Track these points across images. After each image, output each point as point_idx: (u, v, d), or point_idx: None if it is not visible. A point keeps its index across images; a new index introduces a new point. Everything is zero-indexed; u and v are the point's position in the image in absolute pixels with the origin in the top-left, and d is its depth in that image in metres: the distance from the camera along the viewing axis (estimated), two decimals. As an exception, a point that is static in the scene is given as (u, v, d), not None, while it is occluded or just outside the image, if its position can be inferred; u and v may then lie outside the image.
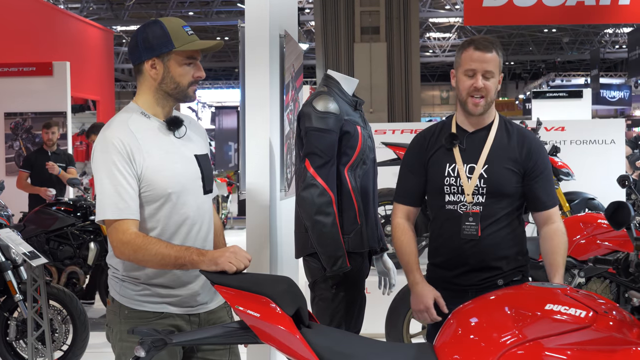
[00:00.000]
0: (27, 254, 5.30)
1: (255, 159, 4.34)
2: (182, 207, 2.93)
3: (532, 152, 3.32)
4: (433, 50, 33.87)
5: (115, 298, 2.97)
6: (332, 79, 4.00)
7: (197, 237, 2.99)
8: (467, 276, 3.31)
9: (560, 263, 3.28)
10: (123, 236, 2.78)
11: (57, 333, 5.90)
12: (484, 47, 3.27)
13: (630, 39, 23.29)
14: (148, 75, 2.93)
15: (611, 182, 6.95)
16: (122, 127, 2.88)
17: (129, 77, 36.21)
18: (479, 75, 3.25)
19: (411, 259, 3.43)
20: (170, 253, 2.74)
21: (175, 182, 2.90)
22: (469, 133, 3.36)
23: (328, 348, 2.55)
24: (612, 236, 5.39)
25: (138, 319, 2.90)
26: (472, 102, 3.28)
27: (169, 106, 2.99)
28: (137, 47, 2.93)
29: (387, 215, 7.32)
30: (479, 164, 3.28)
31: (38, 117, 11.10)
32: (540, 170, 3.32)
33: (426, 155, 3.42)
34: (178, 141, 2.98)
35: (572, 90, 17.02)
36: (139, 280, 2.92)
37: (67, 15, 17.54)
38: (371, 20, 14.45)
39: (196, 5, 25.97)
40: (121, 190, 2.79)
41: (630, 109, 34.88)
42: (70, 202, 7.74)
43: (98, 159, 2.85)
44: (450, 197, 3.33)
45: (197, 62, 2.97)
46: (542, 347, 2.39)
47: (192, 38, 2.93)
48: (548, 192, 3.35)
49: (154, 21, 2.95)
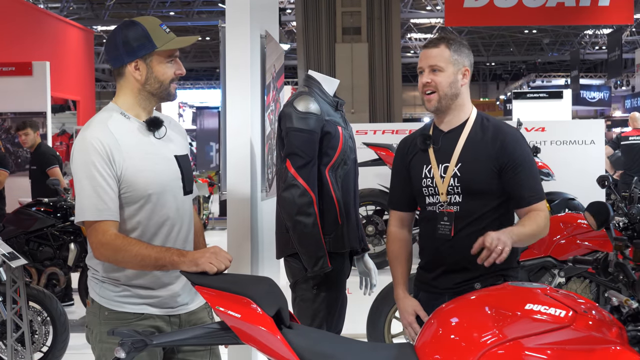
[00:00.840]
0: (7, 255, 5.26)
1: (236, 160, 4.34)
2: (162, 208, 2.92)
3: (506, 145, 3.20)
4: (414, 51, 33.94)
5: (94, 299, 2.95)
6: (313, 79, 4.00)
7: (178, 238, 2.99)
8: (443, 278, 3.26)
9: (525, 223, 3.13)
10: (102, 237, 2.76)
11: (37, 334, 5.86)
12: (430, 43, 3.28)
13: (609, 40, 23.47)
14: (131, 77, 2.91)
15: (591, 182, 6.99)
16: (102, 127, 2.86)
17: (109, 77, 36.06)
18: (426, 71, 3.25)
19: (397, 271, 3.41)
20: (150, 254, 2.73)
21: (156, 183, 2.89)
22: (444, 133, 3.31)
23: (309, 348, 2.55)
24: (591, 236, 5.42)
25: (118, 320, 2.89)
26: (426, 99, 3.27)
27: (151, 107, 2.99)
28: (118, 50, 2.90)
29: (368, 216, 7.34)
30: (452, 162, 3.23)
31: (17, 117, 11.03)
32: (518, 164, 3.18)
33: (407, 159, 3.40)
34: (158, 142, 2.96)
35: (553, 91, 17.14)
36: (119, 281, 2.90)
37: (47, 15, 17.45)
38: (352, 20, 14.48)
39: (177, 5, 25.92)
40: (100, 192, 2.78)
41: (610, 110, 35.12)
42: (50, 202, 7.69)
43: (77, 159, 2.83)
44: (429, 199, 3.30)
45: (177, 59, 2.97)
46: (522, 346, 2.40)
47: (171, 36, 2.92)
48: (530, 187, 3.21)
49: (132, 22, 2.94)
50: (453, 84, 3.24)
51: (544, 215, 3.18)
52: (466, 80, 3.30)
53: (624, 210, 5.28)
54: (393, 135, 8.24)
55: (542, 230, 3.18)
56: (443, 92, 3.23)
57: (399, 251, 3.43)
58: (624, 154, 11.20)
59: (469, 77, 3.30)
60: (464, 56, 3.27)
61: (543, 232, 3.19)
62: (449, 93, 3.24)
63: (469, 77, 3.31)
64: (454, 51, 3.24)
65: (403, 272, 3.41)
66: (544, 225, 3.17)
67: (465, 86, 3.31)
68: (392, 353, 2.64)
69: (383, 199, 7.27)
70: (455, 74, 3.25)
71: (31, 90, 11.06)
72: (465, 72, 3.27)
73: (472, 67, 3.35)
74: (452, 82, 3.24)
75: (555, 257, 5.42)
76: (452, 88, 3.24)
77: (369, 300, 5.28)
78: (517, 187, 3.20)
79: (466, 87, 3.32)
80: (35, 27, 15.52)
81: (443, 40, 3.26)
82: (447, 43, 3.25)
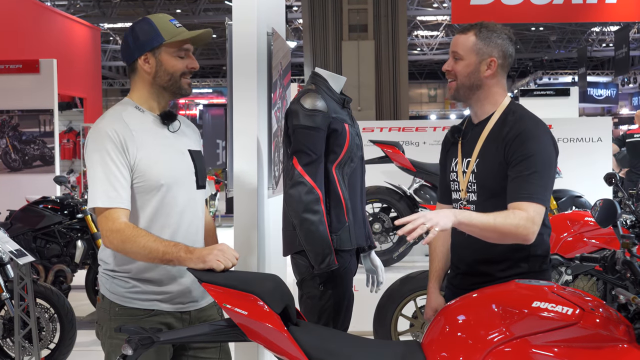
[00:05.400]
0: (14, 252, 5.28)
1: (243, 157, 4.33)
2: (174, 200, 2.95)
3: (516, 138, 2.94)
4: (421, 48, 33.89)
5: (105, 295, 2.98)
6: (319, 76, 4.00)
7: (188, 231, 3.01)
8: (462, 278, 3.19)
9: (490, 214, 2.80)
10: (112, 225, 2.78)
11: (44, 331, 5.88)
12: (462, 29, 3.12)
13: (617, 38, 23.38)
14: (142, 70, 2.98)
15: (598, 180, 6.98)
16: (116, 118, 2.91)
17: (116, 75, 36.09)
18: (450, 57, 3.12)
19: (432, 266, 3.37)
20: (158, 247, 2.74)
21: (168, 174, 2.93)
22: (473, 126, 3.17)
23: (316, 346, 2.55)
24: (599, 234, 5.42)
25: (128, 316, 2.91)
26: (448, 86, 3.16)
27: (165, 101, 3.04)
28: (129, 47, 2.99)
29: (374, 213, 7.34)
30: (473, 158, 3.08)
31: (25, 114, 11.06)
32: (521, 157, 2.91)
33: (445, 151, 3.33)
34: (172, 135, 3.02)
35: (560, 89, 17.08)
36: (130, 274, 2.92)
37: (54, 13, 17.47)
38: (359, 18, 14.46)
39: (183, 3, 25.93)
40: (113, 179, 2.81)
41: (617, 107, 35.04)
42: (57, 200, 7.71)
43: (91, 147, 2.87)
44: (454, 195, 3.21)
45: (190, 54, 3.02)
46: (529, 344, 2.40)
47: (180, 30, 2.98)
48: (524, 184, 2.88)
49: (142, 19, 3.01)
50: (473, 74, 3.07)
51: (524, 215, 2.82)
52: (491, 72, 3.06)
53: (631, 208, 5.28)
54: (399, 133, 8.23)
55: (515, 229, 2.81)
56: (461, 81, 3.08)
57: (437, 245, 3.36)
58: (629, 152, 11.18)
59: (495, 68, 3.07)
60: (492, 46, 3.06)
61: (517, 232, 2.82)
62: (466, 83, 3.08)
63: (496, 68, 3.07)
64: (481, 39, 3.05)
65: (437, 267, 3.35)
66: (517, 224, 2.80)
67: (493, 77, 3.08)
68: (399, 350, 2.65)
69: (390, 196, 7.26)
70: (477, 64, 3.06)
71: (38, 87, 11.07)
72: (490, 62, 3.05)
73: (510, 59, 3.11)
74: (472, 72, 3.06)
75: (562, 255, 5.42)
76: (470, 78, 3.07)
77: (376, 297, 5.29)
78: (510, 182, 2.92)
79: (494, 79, 3.09)
80: (42, 25, 15.55)
81: (474, 27, 3.08)
82: (477, 30, 3.06)
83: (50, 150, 11.08)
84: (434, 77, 41.41)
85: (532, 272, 3.03)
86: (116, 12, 26.59)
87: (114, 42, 32.46)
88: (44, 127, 11.09)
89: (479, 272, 3.09)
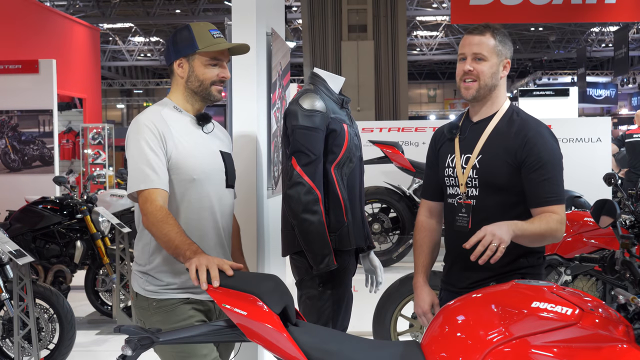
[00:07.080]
0: (13, 253, 5.27)
1: (242, 157, 4.33)
2: (205, 195, 3.13)
3: (528, 140, 3.08)
4: (420, 49, 33.91)
5: (139, 293, 3.13)
6: (318, 77, 4.00)
7: (217, 227, 3.18)
8: (459, 275, 3.21)
9: (534, 221, 2.98)
10: (150, 206, 2.93)
11: (44, 332, 5.88)
12: (475, 30, 3.18)
13: (616, 38, 23.41)
14: (177, 74, 3.20)
15: (597, 180, 6.98)
16: (155, 114, 3.12)
17: (115, 75, 36.10)
18: (469, 59, 3.16)
19: (418, 260, 3.39)
20: (175, 240, 2.85)
21: (200, 170, 3.11)
22: (472, 123, 3.25)
23: (315, 346, 2.55)
24: (598, 234, 5.42)
25: (166, 306, 3.08)
26: (464, 86, 3.19)
27: (198, 105, 3.24)
28: (168, 50, 3.23)
29: (374, 214, 7.34)
30: (474, 154, 3.16)
31: (24, 115, 11.06)
32: (538, 161, 3.07)
33: (437, 148, 3.37)
34: (206, 135, 3.22)
35: (559, 89, 17.10)
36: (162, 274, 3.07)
37: (53, 13, 17.48)
38: (358, 18, 14.48)
39: (183, 3, 25.93)
40: (151, 161, 2.98)
41: (617, 107, 35.04)
42: (57, 200, 7.70)
43: (131, 139, 3.06)
44: (449, 190, 3.25)
45: (223, 64, 3.22)
46: (529, 344, 2.40)
47: (217, 40, 3.17)
48: (550, 187, 3.07)
49: (185, 26, 3.23)
50: (495, 75, 3.18)
51: (558, 218, 3.03)
52: (505, 73, 3.23)
53: (630, 208, 5.27)
54: (399, 133, 8.24)
55: (554, 233, 3.02)
56: (484, 82, 3.16)
57: (423, 240, 3.40)
58: (628, 152, 11.18)
59: (508, 69, 3.23)
60: (507, 48, 3.21)
61: (554, 235, 3.04)
62: (489, 84, 3.17)
63: (508, 69, 3.24)
64: (499, 41, 3.17)
65: (424, 261, 3.38)
66: (555, 228, 3.01)
67: (503, 78, 3.23)
68: (398, 350, 2.64)
69: (389, 196, 7.27)
70: (497, 65, 3.18)
71: (37, 88, 11.08)
72: (506, 64, 3.21)
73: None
74: (494, 72, 3.17)
75: (562, 255, 5.42)
76: (493, 79, 3.17)
77: (375, 297, 5.29)
78: (535, 186, 3.07)
79: (504, 80, 3.24)
80: (42, 25, 15.55)
81: (489, 29, 3.18)
82: (493, 32, 3.17)
83: (50, 150, 11.09)
84: (434, 77, 41.45)
85: (530, 266, 3.16)
86: (115, 12, 26.60)
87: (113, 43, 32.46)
88: (43, 128, 11.10)
89: (480, 267, 3.02)
